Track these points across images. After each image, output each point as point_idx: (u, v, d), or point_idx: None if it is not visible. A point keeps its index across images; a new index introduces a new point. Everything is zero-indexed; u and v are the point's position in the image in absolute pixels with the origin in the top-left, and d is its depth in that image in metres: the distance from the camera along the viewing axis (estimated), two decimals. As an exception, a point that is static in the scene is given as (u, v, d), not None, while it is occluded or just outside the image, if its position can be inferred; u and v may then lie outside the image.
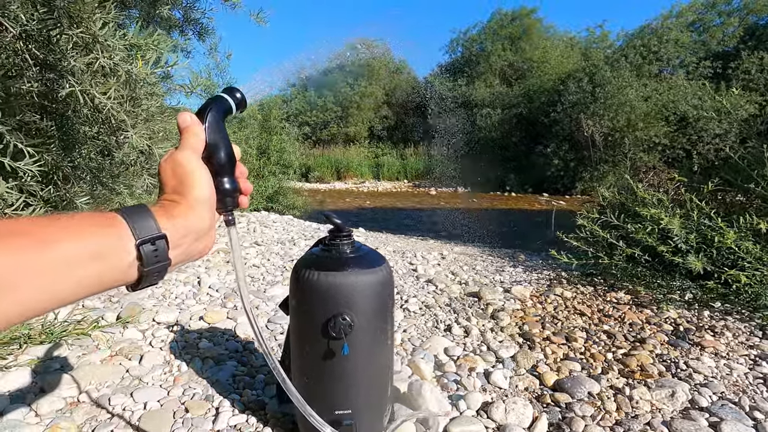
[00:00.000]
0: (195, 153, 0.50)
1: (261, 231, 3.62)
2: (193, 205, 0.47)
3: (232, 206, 0.55)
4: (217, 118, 0.54)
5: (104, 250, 0.39)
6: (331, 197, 11.00)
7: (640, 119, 11.15)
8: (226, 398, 1.06)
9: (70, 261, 0.36)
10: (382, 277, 0.81)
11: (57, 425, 0.91)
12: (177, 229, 0.45)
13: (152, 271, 0.42)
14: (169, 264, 0.43)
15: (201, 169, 0.49)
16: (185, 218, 0.46)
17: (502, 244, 3.77)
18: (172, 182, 0.48)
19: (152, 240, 0.41)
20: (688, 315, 1.75)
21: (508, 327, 1.63)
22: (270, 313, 1.67)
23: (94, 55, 1.22)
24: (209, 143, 0.52)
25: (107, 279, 0.40)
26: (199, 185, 0.48)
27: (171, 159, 0.49)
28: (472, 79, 17.42)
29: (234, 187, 0.54)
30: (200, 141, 0.52)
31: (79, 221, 0.38)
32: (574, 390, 1.16)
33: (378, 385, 0.83)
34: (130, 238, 0.40)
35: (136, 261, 0.41)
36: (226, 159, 0.53)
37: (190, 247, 0.47)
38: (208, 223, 0.49)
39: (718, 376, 1.27)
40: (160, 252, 0.42)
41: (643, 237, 2.02)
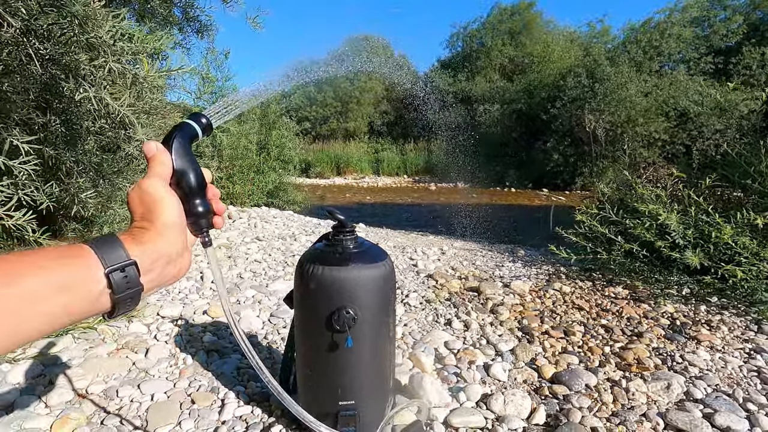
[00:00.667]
0: (161, 180, 0.52)
1: (262, 226, 3.64)
2: (161, 231, 0.48)
3: (207, 227, 0.57)
4: (183, 143, 0.55)
5: (71, 282, 0.39)
6: (331, 192, 11.01)
7: (640, 115, 11.14)
8: (231, 390, 1.08)
9: (36, 295, 0.36)
10: (385, 272, 0.82)
11: (67, 416, 0.94)
12: (147, 255, 0.45)
13: (124, 298, 0.43)
14: (141, 290, 0.44)
15: (168, 194, 0.51)
16: (154, 243, 0.47)
17: (502, 239, 3.79)
18: (140, 210, 0.50)
19: (122, 267, 0.42)
20: (685, 309, 1.77)
21: (508, 321, 1.66)
22: (273, 308, 1.69)
23: (103, 59, 1.24)
24: (177, 169, 0.54)
25: (77, 310, 0.40)
26: (166, 211, 0.49)
27: (138, 188, 0.50)
28: (473, 74, 17.37)
29: (206, 209, 0.56)
30: (166, 168, 0.53)
31: (45, 255, 0.39)
32: (572, 382, 1.18)
33: (380, 377, 0.85)
34: (99, 266, 0.41)
35: (107, 289, 0.42)
36: (195, 182, 0.55)
37: (162, 272, 0.48)
38: (179, 247, 0.50)
39: (713, 369, 1.29)
40: (131, 278, 0.43)
41: (642, 232, 2.04)
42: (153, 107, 2.03)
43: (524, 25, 17.76)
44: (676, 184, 2.35)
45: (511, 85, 15.87)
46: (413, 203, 9.09)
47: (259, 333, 1.46)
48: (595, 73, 12.10)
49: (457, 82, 17.46)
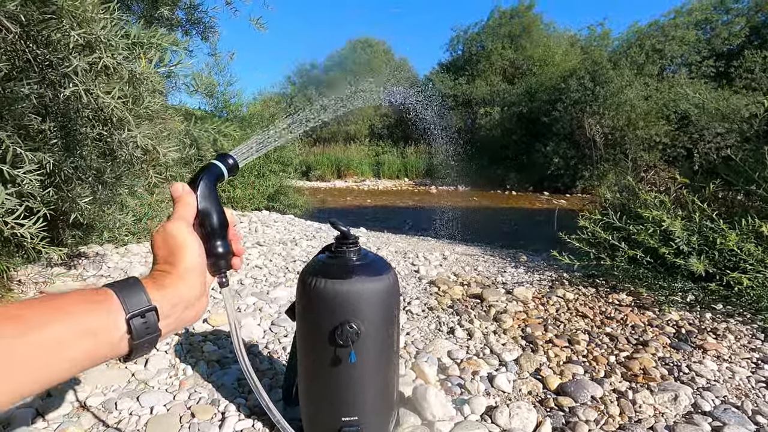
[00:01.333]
0: (185, 222, 0.52)
1: (263, 231, 3.62)
2: (182, 275, 0.48)
3: (225, 268, 0.57)
4: (209, 185, 0.56)
5: (95, 328, 0.40)
6: (332, 196, 11.00)
7: (641, 118, 11.14)
8: (232, 402, 1.07)
9: (61, 342, 0.37)
10: (389, 285, 0.81)
11: (65, 430, 0.92)
12: (167, 300, 0.46)
13: (142, 344, 0.43)
14: (159, 335, 0.45)
15: (191, 238, 0.51)
16: (175, 288, 0.47)
17: (504, 243, 3.78)
18: (163, 252, 0.50)
19: (142, 313, 0.43)
20: (690, 317, 1.75)
21: (511, 329, 1.64)
22: (274, 316, 1.68)
23: (97, 54, 1.22)
24: (201, 210, 0.54)
25: (98, 355, 0.41)
26: (188, 255, 0.50)
27: (162, 230, 0.51)
28: (473, 77, 17.39)
29: (226, 250, 0.56)
30: (191, 209, 0.54)
31: (70, 300, 0.39)
32: (578, 394, 1.17)
33: (384, 392, 0.84)
34: (121, 312, 0.42)
35: (126, 335, 0.42)
36: (217, 224, 0.55)
37: (180, 316, 0.48)
38: (198, 291, 0.50)
39: (720, 379, 1.27)
40: (150, 324, 0.43)
41: (645, 238, 2.03)
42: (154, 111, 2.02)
43: (524, 28, 17.79)
44: (679, 190, 2.34)
45: (511, 87, 15.88)
46: (414, 206, 9.08)
47: (260, 342, 1.45)
48: (597, 76, 12.12)
49: (457, 85, 17.48)
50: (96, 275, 2.12)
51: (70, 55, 1.30)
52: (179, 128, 2.62)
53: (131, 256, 2.45)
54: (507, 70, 17.10)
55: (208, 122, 2.82)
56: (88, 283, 2.02)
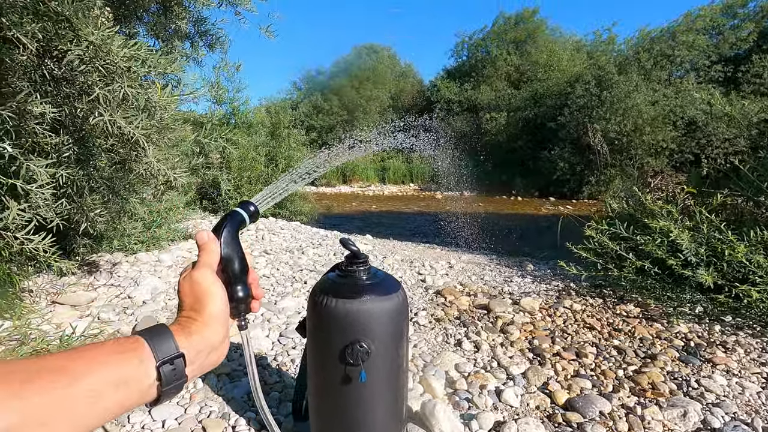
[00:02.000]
0: (210, 269, 0.54)
1: (269, 239, 3.65)
2: (208, 322, 0.51)
3: (245, 312, 0.59)
4: (232, 232, 0.59)
5: (127, 377, 0.41)
6: (338, 201, 11.03)
7: (648, 123, 11.09)
8: (242, 416, 1.08)
9: (98, 392, 0.38)
10: (398, 304, 0.82)
11: (79, 445, 0.93)
12: (194, 346, 0.48)
13: (170, 390, 0.45)
14: (186, 381, 0.46)
15: (216, 285, 0.53)
16: (201, 335, 0.49)
17: (510, 251, 3.77)
18: (189, 300, 0.52)
19: (171, 360, 0.45)
20: (699, 329, 1.74)
21: (518, 341, 1.64)
22: (282, 327, 1.69)
23: (118, 84, 1.26)
24: (224, 257, 0.57)
25: (130, 402, 0.42)
26: (213, 302, 0.52)
27: (189, 277, 0.53)
28: (478, 83, 17.42)
29: (246, 294, 0.58)
30: (215, 256, 0.56)
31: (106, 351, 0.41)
32: (586, 409, 1.17)
33: (394, 410, 0.85)
34: (151, 360, 0.43)
35: (156, 381, 0.44)
36: (239, 270, 0.58)
37: (204, 361, 0.50)
38: (222, 336, 0.52)
39: (730, 395, 1.27)
40: (178, 370, 0.45)
41: (653, 249, 2.02)
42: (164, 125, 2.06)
43: (529, 33, 17.83)
44: (687, 199, 2.33)
45: (517, 93, 15.89)
46: (419, 212, 9.08)
47: (269, 354, 1.46)
48: (603, 81, 12.09)
49: (463, 91, 17.51)
50: (107, 284, 2.15)
51: (94, 84, 1.33)
52: (189, 137, 2.66)
53: (141, 264, 2.48)
54: (512, 75, 17.12)
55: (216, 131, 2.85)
56: (99, 292, 2.04)
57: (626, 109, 11.21)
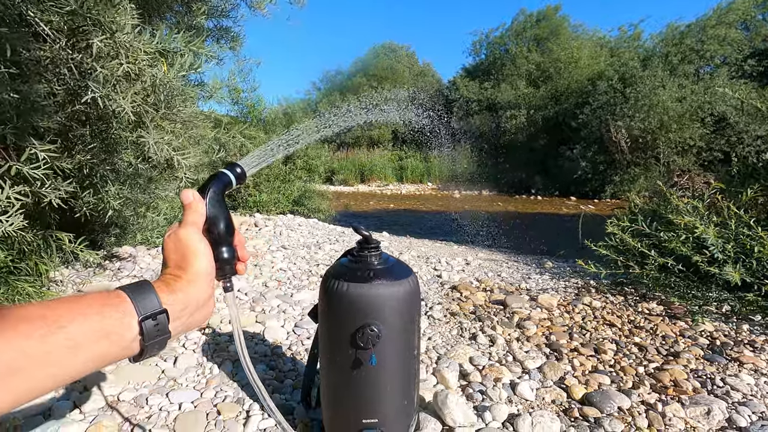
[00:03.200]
0: (196, 228, 0.54)
1: (287, 234, 3.69)
2: (192, 279, 0.51)
3: (231, 273, 0.59)
4: (217, 192, 0.59)
5: (108, 330, 0.42)
6: (355, 200, 11.07)
7: (674, 120, 10.74)
8: (256, 402, 1.09)
9: (77, 343, 0.39)
10: (409, 289, 0.82)
11: (100, 423, 0.96)
12: (177, 303, 0.48)
13: (153, 345, 0.45)
14: (169, 336, 0.47)
15: (201, 243, 0.53)
16: (185, 292, 0.49)
17: (528, 249, 3.71)
18: (174, 257, 0.52)
19: (154, 315, 0.45)
20: (725, 328, 1.68)
21: (535, 337, 1.61)
22: (297, 318, 1.70)
23: (118, 60, 1.29)
24: (209, 217, 0.57)
25: (110, 355, 0.43)
26: (198, 260, 0.52)
27: (174, 235, 0.53)
28: (498, 81, 17.20)
29: (231, 256, 0.58)
30: (201, 216, 0.56)
31: (86, 302, 0.42)
32: (604, 404, 1.14)
33: (404, 395, 0.84)
34: (133, 314, 0.44)
35: (138, 336, 0.44)
36: (224, 230, 0.58)
37: (189, 319, 0.50)
38: (207, 295, 0.52)
39: (758, 394, 1.21)
40: (161, 326, 0.45)
41: (677, 246, 1.96)
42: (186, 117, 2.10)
43: (551, 30, 17.50)
44: (714, 195, 2.24)
45: (537, 91, 15.63)
46: (437, 211, 9.03)
47: (284, 343, 1.48)
48: (627, 77, 11.78)
49: (482, 89, 17.33)
50: (129, 275, 2.21)
51: (94, 62, 1.36)
52: (209, 135, 2.71)
53: (162, 257, 2.54)
54: (533, 73, 16.84)
55: (234, 128, 2.90)
56: (122, 283, 2.10)
57: (651, 105, 10.88)
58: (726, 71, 11.62)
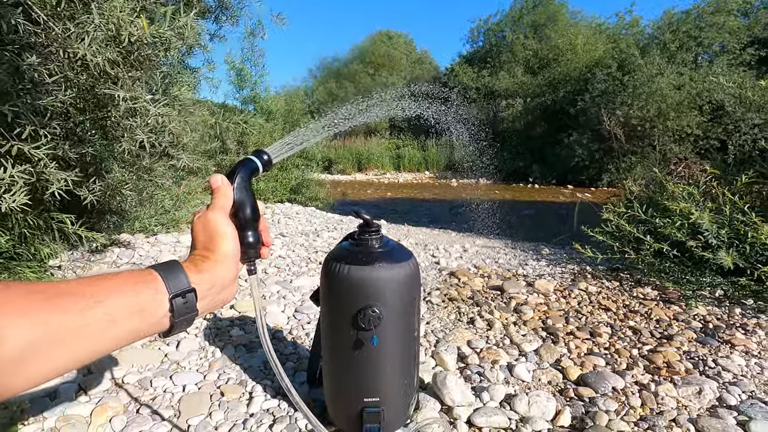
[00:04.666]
0: (224, 212, 0.57)
1: (285, 222, 3.70)
2: (219, 260, 0.53)
3: (255, 257, 0.61)
4: (245, 178, 0.60)
5: (142, 304, 0.44)
6: (353, 189, 11.06)
7: (672, 108, 10.72)
8: (259, 384, 1.11)
9: (115, 316, 0.41)
10: (410, 271, 0.83)
11: (106, 404, 0.98)
12: (205, 283, 0.50)
13: (182, 321, 0.48)
14: (197, 314, 0.49)
15: (228, 227, 0.55)
16: (212, 272, 0.51)
17: (525, 237, 3.74)
18: (202, 238, 0.55)
19: (183, 293, 0.47)
20: (718, 312, 1.71)
21: (531, 321, 1.64)
22: (297, 303, 1.72)
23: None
24: (236, 201, 0.59)
25: (143, 330, 0.45)
26: (226, 241, 0.54)
27: (203, 217, 0.55)
28: (496, 69, 17.07)
29: (257, 239, 0.60)
30: (229, 200, 0.58)
31: (121, 279, 0.44)
32: (598, 385, 1.17)
33: (405, 375, 0.86)
34: (165, 292, 0.46)
35: (168, 312, 0.46)
36: (250, 215, 0.60)
37: (215, 298, 0.53)
38: (233, 275, 0.55)
39: (748, 374, 1.25)
40: (190, 304, 0.48)
41: (672, 232, 1.98)
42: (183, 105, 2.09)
43: (549, 17, 17.32)
44: (709, 182, 2.26)
45: (534, 79, 15.53)
46: (434, 199, 9.04)
47: (284, 328, 1.50)
48: (625, 64, 11.71)
49: (480, 77, 17.21)
50: (129, 263, 2.22)
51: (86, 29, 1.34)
52: (209, 121, 2.69)
53: (161, 245, 2.55)
54: (530, 60, 16.71)
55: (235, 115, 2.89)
56: (121, 269, 2.11)
57: (649, 93, 10.85)
58: (725, 59, 11.56)
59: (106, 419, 0.95)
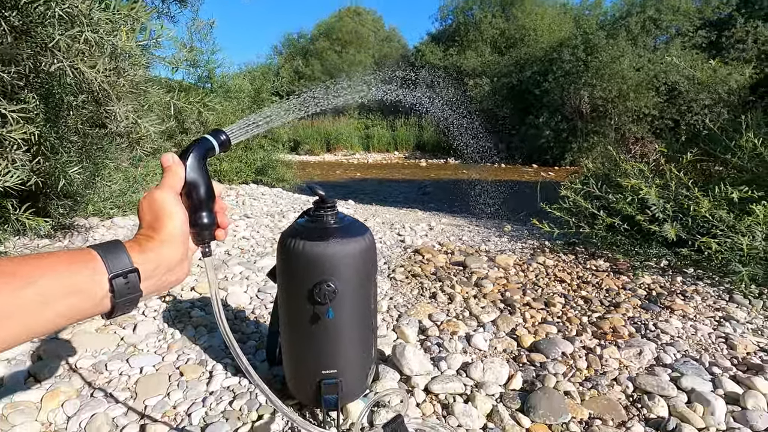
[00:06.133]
0: (172, 191, 0.55)
1: (250, 204, 3.63)
2: (165, 240, 0.51)
3: (209, 239, 0.60)
4: (198, 158, 0.58)
5: (79, 285, 0.43)
6: (321, 169, 10.93)
7: (632, 89, 11.10)
8: (219, 362, 1.11)
9: (48, 297, 0.40)
10: (365, 246, 0.84)
11: (58, 389, 0.96)
12: (149, 263, 0.49)
13: (124, 302, 0.46)
14: (140, 295, 0.48)
15: (175, 206, 0.54)
16: (157, 253, 0.50)
17: (489, 214, 3.83)
18: (148, 218, 0.53)
19: (124, 274, 0.46)
20: (662, 281, 1.83)
21: (491, 294, 1.70)
22: (260, 283, 1.71)
23: (79, 29, 1.20)
24: (189, 181, 0.57)
25: (81, 310, 0.44)
26: (172, 221, 0.52)
27: (149, 196, 0.54)
28: (463, 48, 17.05)
29: (211, 221, 0.59)
30: (179, 180, 0.56)
31: (56, 259, 0.42)
32: (549, 350, 1.23)
33: (362, 346, 0.88)
34: (104, 272, 0.44)
35: (109, 293, 0.45)
36: (204, 196, 0.58)
37: (162, 278, 0.51)
38: (180, 257, 0.53)
39: (683, 336, 1.35)
40: (132, 284, 0.46)
41: (623, 207, 2.08)
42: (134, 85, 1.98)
43: (515, -4, 17.37)
44: (659, 159, 2.38)
45: (501, 58, 15.64)
46: (403, 179, 9.08)
47: (247, 308, 1.49)
48: (589, 45, 11.96)
49: (448, 56, 17.15)
50: (83, 247, 2.13)
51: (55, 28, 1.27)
52: (163, 100, 2.57)
53: (117, 228, 2.45)
54: (498, 40, 16.78)
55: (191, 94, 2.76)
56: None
57: (612, 74, 11.17)
58: (679, 42, 12.02)
59: (57, 404, 0.92)
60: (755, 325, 1.43)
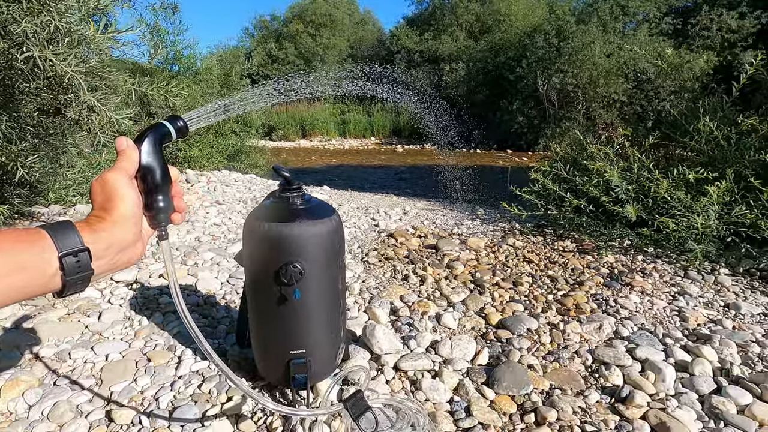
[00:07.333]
0: (125, 174, 0.55)
1: (222, 190, 3.56)
2: (117, 221, 0.52)
3: (165, 222, 0.61)
4: (153, 143, 0.59)
5: (27, 263, 0.43)
6: (297, 155, 10.78)
7: (602, 76, 11.34)
8: (188, 348, 1.10)
9: None
10: (331, 227, 0.85)
11: (18, 378, 0.93)
12: (100, 242, 0.49)
13: (75, 281, 0.47)
14: (92, 274, 0.48)
15: (128, 188, 0.54)
16: (109, 233, 0.51)
17: (463, 199, 3.89)
18: (100, 199, 0.53)
19: (74, 253, 0.46)
20: (624, 259, 1.91)
21: (462, 275, 1.74)
22: (231, 269, 1.70)
23: (48, 17, 1.14)
24: (144, 165, 0.58)
25: (30, 288, 0.44)
26: (124, 202, 0.53)
27: (101, 178, 0.54)
28: (439, 32, 16.97)
29: (167, 205, 0.60)
30: (132, 163, 0.56)
31: (5, 237, 0.43)
32: (515, 327, 1.28)
33: (330, 326, 0.90)
34: (53, 250, 0.45)
35: (59, 271, 0.45)
36: (159, 180, 0.59)
37: (114, 258, 0.52)
38: (132, 238, 0.54)
39: (641, 310, 1.42)
40: (83, 263, 0.47)
41: (589, 189, 2.15)
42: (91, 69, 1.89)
43: (491, -20, 17.33)
44: (623, 143, 2.47)
45: (476, 44, 15.66)
46: (379, 165, 9.07)
47: (218, 293, 1.48)
48: (561, 32, 12.11)
49: (423, 40, 17.04)
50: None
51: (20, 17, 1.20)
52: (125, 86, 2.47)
53: (80, 216, 2.37)
54: (473, 25, 16.76)
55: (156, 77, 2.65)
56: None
57: (583, 60, 11.37)
58: (646, 28, 12.30)
59: (18, 393, 0.90)
60: (706, 298, 1.51)
